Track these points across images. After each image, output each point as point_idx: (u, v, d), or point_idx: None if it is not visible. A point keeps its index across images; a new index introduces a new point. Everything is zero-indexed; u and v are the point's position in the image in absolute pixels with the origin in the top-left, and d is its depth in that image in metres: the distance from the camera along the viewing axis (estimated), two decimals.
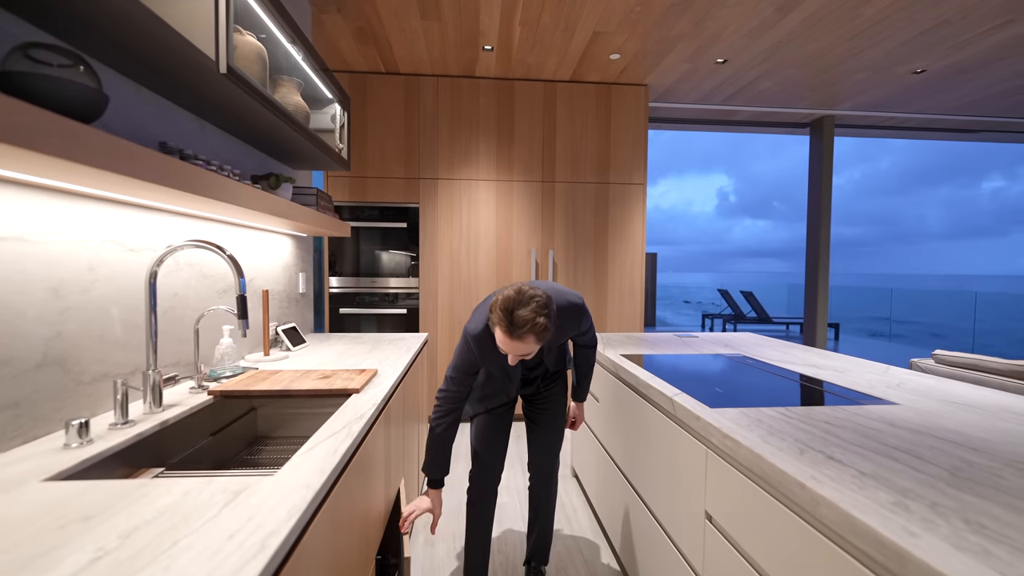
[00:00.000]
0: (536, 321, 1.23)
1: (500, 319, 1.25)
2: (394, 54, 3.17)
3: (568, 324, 1.51)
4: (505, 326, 1.24)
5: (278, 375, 1.54)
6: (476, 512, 1.68)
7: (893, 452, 0.95)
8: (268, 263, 2.08)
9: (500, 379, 1.60)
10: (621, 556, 1.81)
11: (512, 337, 1.25)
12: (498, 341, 1.30)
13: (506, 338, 1.26)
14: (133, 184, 0.93)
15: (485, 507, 1.69)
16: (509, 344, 1.27)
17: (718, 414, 1.19)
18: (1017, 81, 3.50)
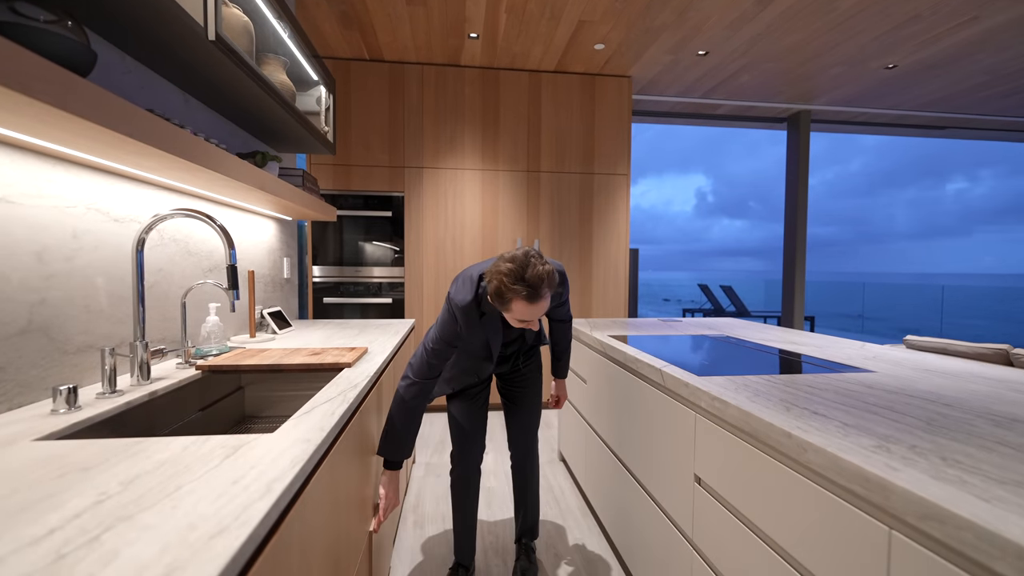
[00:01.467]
0: (548, 272, 1.24)
1: (519, 290, 1.22)
2: (378, 40, 3.15)
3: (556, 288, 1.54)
4: (526, 293, 1.22)
5: (267, 352, 1.52)
6: (461, 492, 1.70)
7: (872, 408, 0.99)
8: (253, 245, 2.05)
9: (477, 356, 1.56)
10: (610, 532, 1.85)
11: (534, 301, 1.24)
12: (517, 313, 1.27)
13: (528, 306, 1.24)
14: (123, 145, 0.92)
15: (469, 487, 1.70)
16: (529, 310, 1.25)
17: (704, 381, 1.23)
18: (982, 78, 3.65)
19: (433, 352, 1.42)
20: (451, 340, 1.42)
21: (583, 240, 3.74)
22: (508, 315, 1.30)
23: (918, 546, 0.62)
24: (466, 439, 1.67)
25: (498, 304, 1.29)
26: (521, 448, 1.75)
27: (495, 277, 1.26)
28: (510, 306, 1.26)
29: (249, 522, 0.53)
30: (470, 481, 1.70)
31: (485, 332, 1.47)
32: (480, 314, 1.43)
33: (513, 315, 1.29)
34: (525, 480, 1.78)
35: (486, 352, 1.55)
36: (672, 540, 1.31)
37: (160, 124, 0.96)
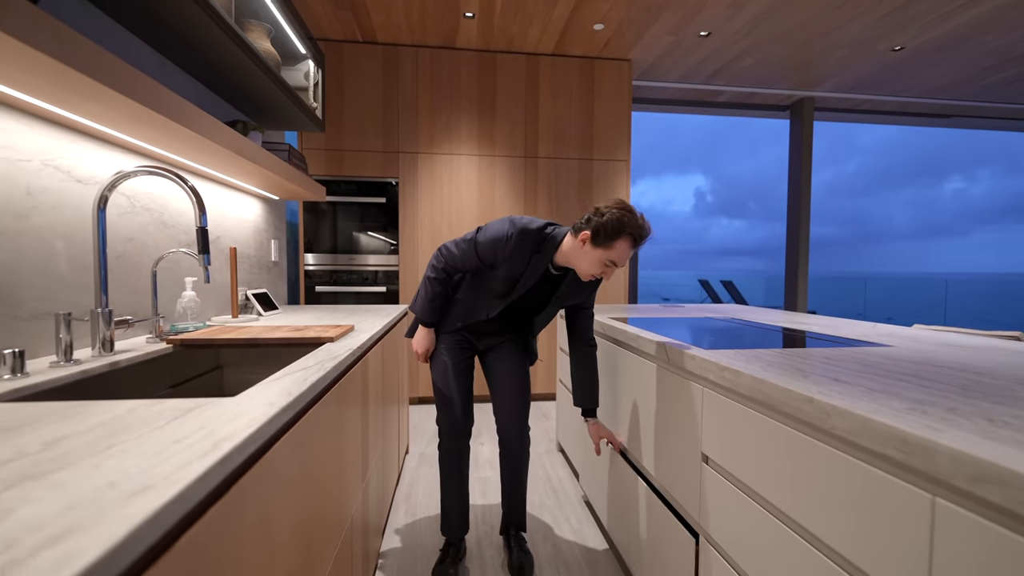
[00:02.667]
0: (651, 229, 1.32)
1: (634, 231, 1.27)
2: (371, 20, 3.06)
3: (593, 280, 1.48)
4: (639, 236, 1.29)
5: (246, 328, 1.44)
6: (450, 461, 1.64)
7: (898, 376, 0.91)
8: (237, 223, 1.96)
9: (494, 292, 1.50)
10: (607, 523, 1.76)
11: (637, 246, 1.31)
12: (615, 253, 1.29)
13: (629, 249, 1.30)
14: (85, 89, 0.83)
15: (461, 455, 1.64)
16: (626, 255, 1.30)
17: (714, 354, 1.14)
18: (989, 61, 3.57)
19: (467, 250, 1.44)
20: (490, 250, 1.41)
21: None
22: (603, 256, 1.30)
23: (968, 513, 0.54)
24: (451, 404, 1.60)
25: (602, 238, 1.28)
26: (511, 430, 1.65)
27: (615, 210, 1.27)
28: (615, 243, 1.28)
29: (180, 481, 0.45)
30: (460, 448, 1.64)
31: (521, 265, 1.41)
32: (533, 245, 1.39)
33: (611, 256, 1.29)
34: (514, 466, 1.67)
35: (507, 289, 1.47)
36: (674, 527, 1.22)
37: (128, 70, 0.87)
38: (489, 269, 1.48)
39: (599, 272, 1.34)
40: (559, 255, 1.40)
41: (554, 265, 1.44)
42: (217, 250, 1.79)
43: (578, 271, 1.37)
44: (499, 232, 1.39)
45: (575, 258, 1.36)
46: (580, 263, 1.35)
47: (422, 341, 1.59)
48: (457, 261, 1.48)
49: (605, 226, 1.27)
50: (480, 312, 1.55)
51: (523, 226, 1.38)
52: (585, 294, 1.54)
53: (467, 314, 1.57)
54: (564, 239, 1.39)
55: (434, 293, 1.53)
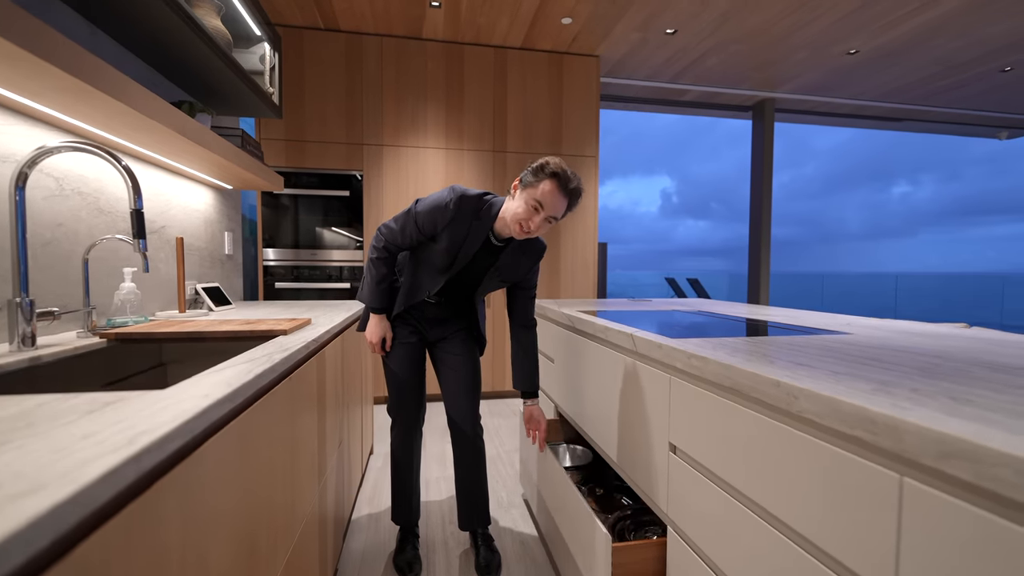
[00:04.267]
0: (582, 187, 1.34)
1: (557, 171, 1.29)
2: (333, 7, 2.95)
3: (532, 256, 1.51)
4: (564, 177, 1.29)
5: (192, 323, 1.34)
6: (403, 448, 1.62)
7: (860, 360, 0.91)
8: (184, 213, 1.84)
9: (434, 266, 1.47)
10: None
11: (563, 191, 1.29)
12: (542, 194, 1.28)
13: (557, 192, 1.29)
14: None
15: (410, 441, 1.62)
16: (555, 199, 1.29)
17: (678, 343, 1.13)
18: (934, 68, 3.75)
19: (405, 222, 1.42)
20: (430, 221, 1.39)
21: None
22: (529, 198, 1.29)
23: (935, 491, 0.53)
24: (403, 388, 1.57)
25: (528, 180, 1.31)
26: (465, 418, 1.61)
27: (543, 158, 1.32)
28: (540, 184, 1.29)
29: (77, 480, 0.38)
30: (412, 435, 1.62)
31: (461, 233, 1.39)
32: (473, 214, 1.38)
33: (536, 195, 1.28)
34: (470, 461, 1.63)
35: (448, 261, 1.44)
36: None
37: (22, 16, 0.78)
38: (430, 241, 1.45)
39: (528, 215, 1.31)
40: (499, 222, 1.40)
41: (495, 235, 1.43)
42: (162, 240, 1.68)
43: (511, 220, 1.34)
44: (439, 199, 1.39)
45: (508, 209, 1.36)
46: (512, 208, 1.34)
47: (375, 330, 1.53)
48: (397, 236, 1.45)
49: (530, 170, 1.32)
50: (423, 289, 1.52)
51: (462, 191, 1.39)
52: (523, 270, 1.54)
53: (410, 293, 1.54)
54: (502, 206, 1.40)
55: (379, 275, 1.48)
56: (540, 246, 1.53)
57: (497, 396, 3.64)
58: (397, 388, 1.58)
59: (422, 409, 1.63)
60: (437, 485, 2.18)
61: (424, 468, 2.34)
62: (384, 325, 1.54)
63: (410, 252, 1.55)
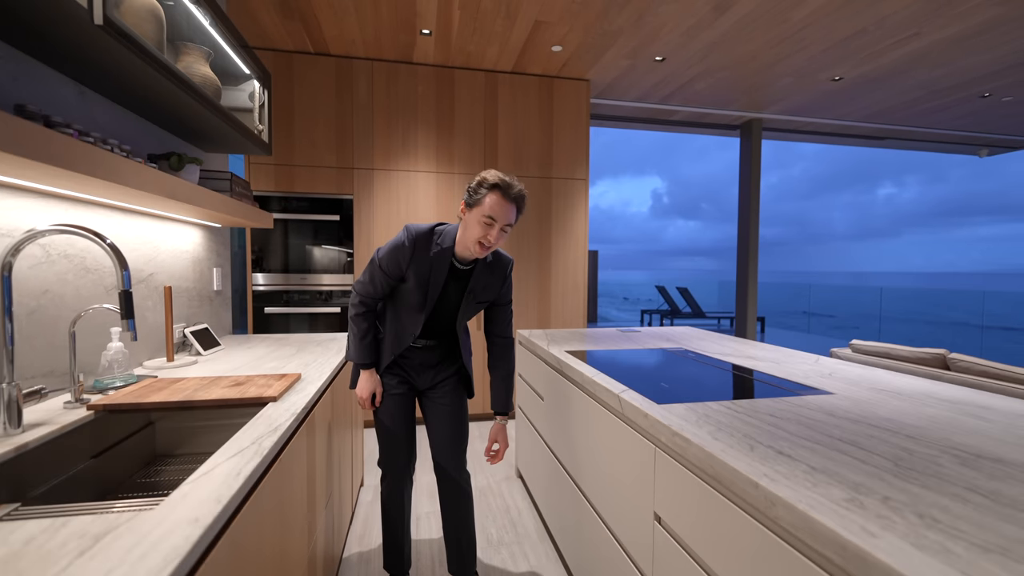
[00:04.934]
0: (524, 191, 1.38)
1: (497, 181, 1.34)
2: (323, 33, 2.95)
3: (500, 272, 1.56)
4: (504, 185, 1.34)
5: (180, 383, 1.34)
6: (392, 499, 1.63)
7: (838, 444, 0.94)
8: (172, 257, 1.84)
9: (411, 307, 1.50)
10: (568, 561, 1.76)
11: (508, 199, 1.34)
12: (489, 207, 1.33)
13: (502, 201, 1.33)
14: None
15: (403, 495, 1.64)
16: (502, 208, 1.33)
17: (666, 411, 1.15)
18: (918, 92, 3.82)
19: (372, 272, 1.47)
20: (392, 268, 1.44)
21: (542, 246, 3.65)
22: (479, 215, 1.34)
23: None
24: (393, 441, 1.60)
25: (473, 199, 1.36)
26: (452, 464, 1.62)
27: (480, 175, 1.37)
28: (484, 199, 1.34)
29: None
30: (403, 486, 1.64)
31: (427, 267, 1.44)
32: (429, 246, 1.44)
33: (485, 211, 1.33)
34: (458, 508, 1.64)
35: (421, 296, 1.47)
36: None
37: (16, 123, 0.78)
38: (400, 283, 1.48)
39: (483, 232, 1.36)
40: (459, 247, 1.45)
41: (458, 259, 1.48)
42: (150, 288, 1.67)
43: (470, 243, 1.39)
44: (396, 240, 1.45)
45: (464, 233, 1.41)
46: (467, 232, 1.40)
47: (365, 385, 1.55)
48: (369, 287, 1.50)
49: (471, 189, 1.38)
50: (407, 332, 1.54)
51: (415, 228, 1.44)
52: (496, 287, 1.57)
53: (396, 340, 1.55)
54: (457, 230, 1.46)
55: (361, 330, 1.52)
56: (506, 261, 1.58)
57: (487, 419, 3.66)
58: (388, 442, 1.59)
59: (413, 461, 1.64)
60: (427, 521, 2.19)
61: (414, 502, 2.34)
62: (374, 380, 1.55)
63: (386, 302, 1.58)
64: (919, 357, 3.08)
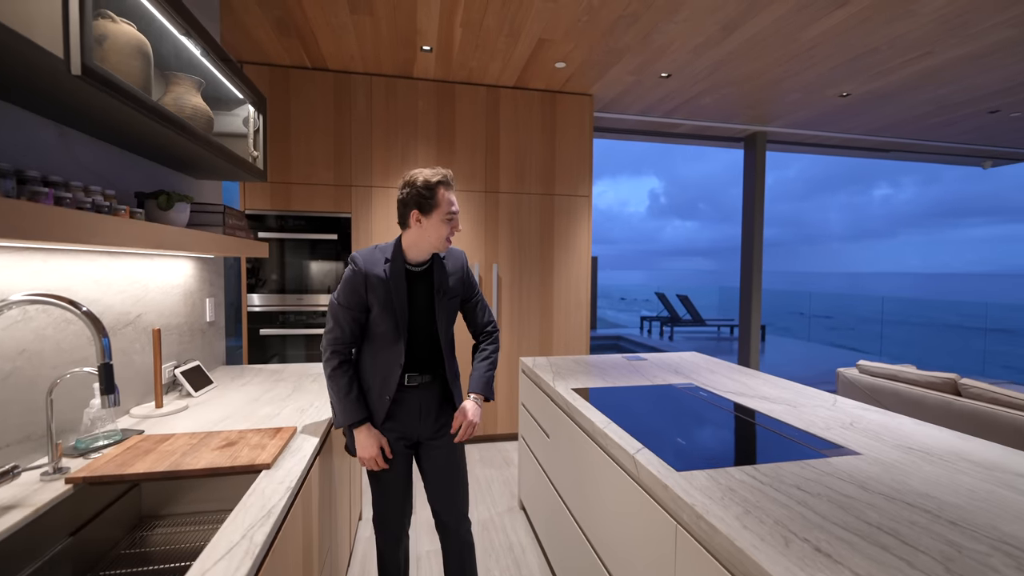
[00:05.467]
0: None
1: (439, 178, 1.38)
2: (321, 49, 2.87)
3: (456, 260, 1.54)
4: (445, 179, 1.39)
5: (168, 443, 1.26)
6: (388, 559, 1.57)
7: (877, 534, 0.86)
8: (162, 294, 1.76)
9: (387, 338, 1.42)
10: None
11: (452, 188, 1.41)
12: (447, 204, 1.38)
13: (450, 192, 1.40)
14: None
15: (399, 551, 1.57)
16: (451, 198, 1.39)
17: (686, 480, 1.08)
18: (927, 108, 3.77)
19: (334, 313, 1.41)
20: (351, 299, 1.40)
21: (544, 264, 3.58)
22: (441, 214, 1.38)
23: None
24: (392, 501, 1.50)
25: (427, 204, 1.36)
26: (452, 513, 1.54)
27: (413, 180, 1.38)
28: (436, 197, 1.37)
29: None
30: (400, 544, 1.56)
31: (387, 285, 1.40)
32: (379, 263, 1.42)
33: (445, 208, 1.38)
34: (461, 558, 1.56)
35: (392, 320, 1.41)
36: None
37: None
38: (367, 315, 1.43)
39: (449, 228, 1.41)
40: (407, 249, 1.43)
41: (410, 262, 1.45)
42: (138, 331, 1.59)
43: (436, 243, 1.41)
44: (346, 274, 1.42)
45: (426, 238, 1.40)
46: (431, 235, 1.40)
47: (367, 444, 1.40)
48: (335, 331, 1.42)
49: (419, 196, 1.37)
50: (393, 369, 1.42)
51: (359, 253, 1.44)
52: (459, 274, 1.54)
53: (383, 384, 1.43)
54: (402, 238, 1.44)
55: (343, 387, 1.40)
56: (456, 253, 1.56)
57: (488, 440, 3.58)
58: (386, 502, 1.49)
59: (410, 515, 1.56)
60: (428, 561, 2.11)
61: (414, 541, 2.27)
62: (374, 434, 1.41)
63: (359, 349, 1.47)
64: (929, 381, 3.02)
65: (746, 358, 4.76)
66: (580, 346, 3.68)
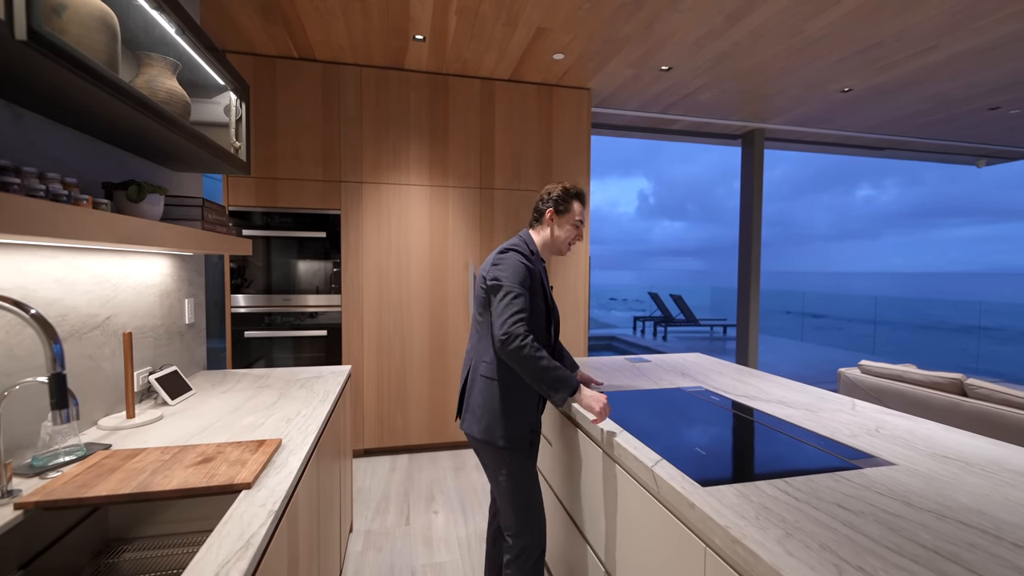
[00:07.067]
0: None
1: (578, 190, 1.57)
2: (308, 38, 2.74)
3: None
4: (581, 194, 1.58)
5: (137, 459, 1.13)
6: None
7: (937, 560, 0.77)
8: (135, 294, 1.62)
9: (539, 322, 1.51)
10: None
11: (584, 201, 1.60)
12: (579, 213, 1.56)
13: (583, 207, 1.58)
14: None
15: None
16: (582, 210, 1.58)
17: (713, 497, 0.98)
18: (926, 104, 3.73)
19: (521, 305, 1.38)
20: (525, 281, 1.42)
21: None
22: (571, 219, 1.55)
23: None
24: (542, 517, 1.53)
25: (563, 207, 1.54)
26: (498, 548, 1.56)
27: (554, 188, 1.57)
28: (573, 206, 1.55)
29: None
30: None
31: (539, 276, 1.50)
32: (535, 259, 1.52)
33: (575, 216, 1.56)
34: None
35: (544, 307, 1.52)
36: None
37: None
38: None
39: (574, 234, 1.58)
40: (540, 248, 1.57)
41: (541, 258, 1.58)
42: (106, 335, 1.45)
43: (560, 243, 1.57)
44: (515, 266, 1.44)
45: (553, 236, 1.56)
46: (559, 236, 1.56)
47: (595, 398, 1.37)
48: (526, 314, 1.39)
49: (559, 199, 1.55)
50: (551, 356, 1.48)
51: (519, 246, 1.51)
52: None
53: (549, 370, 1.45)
54: (532, 236, 1.58)
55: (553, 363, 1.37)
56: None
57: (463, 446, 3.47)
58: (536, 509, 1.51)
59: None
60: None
61: (409, 552, 2.15)
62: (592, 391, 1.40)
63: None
64: (934, 382, 2.96)
65: (744, 358, 4.69)
66: (579, 348, 3.58)
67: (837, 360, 7.49)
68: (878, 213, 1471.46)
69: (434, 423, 3.29)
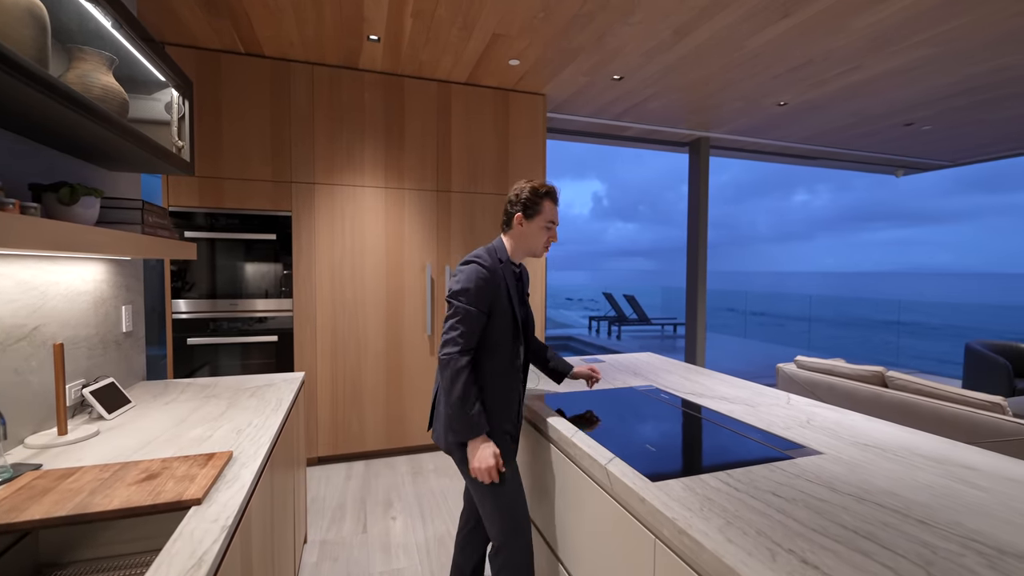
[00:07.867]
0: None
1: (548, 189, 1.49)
2: (256, 33, 2.64)
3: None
4: (552, 192, 1.51)
5: (73, 479, 1.07)
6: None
7: (856, 540, 0.86)
8: (67, 301, 1.52)
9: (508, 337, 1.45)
10: None
11: (556, 200, 1.52)
12: (550, 213, 1.50)
13: (554, 205, 1.51)
14: None
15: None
16: (555, 210, 1.51)
17: (661, 491, 1.04)
18: (851, 119, 4.04)
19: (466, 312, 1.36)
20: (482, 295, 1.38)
21: None
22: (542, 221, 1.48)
23: None
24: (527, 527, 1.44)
25: (532, 209, 1.47)
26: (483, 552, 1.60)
27: (522, 187, 1.49)
28: (543, 207, 1.48)
29: None
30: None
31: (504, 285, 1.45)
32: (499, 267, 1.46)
33: (547, 217, 1.49)
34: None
35: (512, 317, 1.45)
36: None
37: None
38: (488, 319, 1.41)
39: (546, 237, 1.51)
40: (511, 253, 1.52)
41: (513, 263, 1.53)
42: (34, 346, 1.36)
43: (533, 248, 1.51)
44: (473, 277, 1.39)
45: (523, 241, 1.50)
46: (529, 239, 1.50)
47: (485, 455, 1.33)
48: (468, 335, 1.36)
49: (527, 202, 1.47)
50: (515, 369, 1.48)
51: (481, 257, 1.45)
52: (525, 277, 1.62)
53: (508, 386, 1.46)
54: (503, 241, 1.53)
55: (475, 393, 1.35)
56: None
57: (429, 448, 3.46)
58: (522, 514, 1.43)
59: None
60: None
61: (367, 560, 2.12)
62: (490, 444, 1.35)
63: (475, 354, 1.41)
64: (859, 375, 3.22)
65: (692, 355, 4.91)
66: None
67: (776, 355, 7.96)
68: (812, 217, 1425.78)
69: (391, 428, 3.25)
